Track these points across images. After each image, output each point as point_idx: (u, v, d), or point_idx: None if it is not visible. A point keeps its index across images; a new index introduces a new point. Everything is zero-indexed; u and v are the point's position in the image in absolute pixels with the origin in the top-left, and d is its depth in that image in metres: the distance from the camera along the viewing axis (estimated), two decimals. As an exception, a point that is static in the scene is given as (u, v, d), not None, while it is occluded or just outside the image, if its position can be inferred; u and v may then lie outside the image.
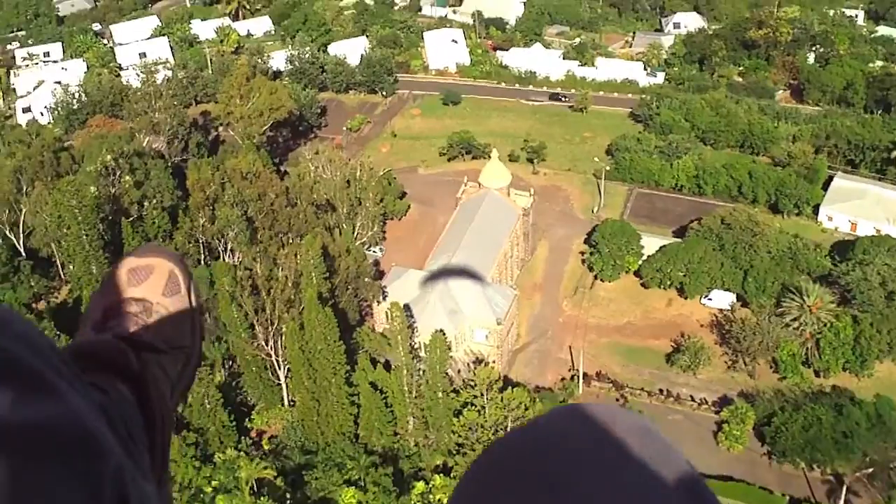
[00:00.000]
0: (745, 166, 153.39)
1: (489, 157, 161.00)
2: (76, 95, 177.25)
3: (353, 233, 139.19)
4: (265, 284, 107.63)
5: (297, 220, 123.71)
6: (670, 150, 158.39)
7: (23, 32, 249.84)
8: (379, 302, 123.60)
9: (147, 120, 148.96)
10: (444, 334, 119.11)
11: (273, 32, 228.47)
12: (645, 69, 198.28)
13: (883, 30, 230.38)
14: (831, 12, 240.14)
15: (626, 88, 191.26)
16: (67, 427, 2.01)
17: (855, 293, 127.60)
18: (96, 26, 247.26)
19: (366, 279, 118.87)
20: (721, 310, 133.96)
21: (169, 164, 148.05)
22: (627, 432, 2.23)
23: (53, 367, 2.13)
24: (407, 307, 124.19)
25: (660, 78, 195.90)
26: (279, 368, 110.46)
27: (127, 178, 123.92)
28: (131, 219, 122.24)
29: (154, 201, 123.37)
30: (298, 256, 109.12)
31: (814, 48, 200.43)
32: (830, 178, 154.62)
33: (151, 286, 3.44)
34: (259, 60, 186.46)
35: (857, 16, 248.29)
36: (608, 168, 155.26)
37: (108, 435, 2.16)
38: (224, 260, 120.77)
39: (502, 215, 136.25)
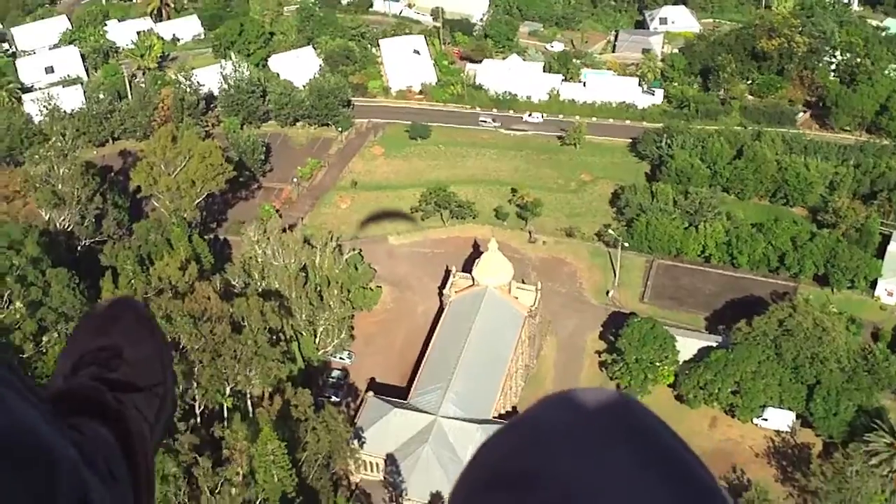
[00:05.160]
0: (786, 231, 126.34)
1: (472, 217, 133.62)
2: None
3: (315, 341, 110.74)
4: (208, 480, 78.46)
5: (246, 349, 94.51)
6: (693, 208, 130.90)
7: None
8: (357, 459, 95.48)
9: (49, 193, 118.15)
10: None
11: (203, 37, 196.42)
12: (640, 84, 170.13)
13: (893, 24, 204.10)
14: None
15: (622, 114, 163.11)
16: (8, 433, 2.12)
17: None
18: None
19: (342, 449, 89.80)
20: (778, 432, 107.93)
21: (79, 250, 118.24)
22: (612, 417, 2.27)
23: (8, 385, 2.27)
24: (391, 458, 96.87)
25: (658, 97, 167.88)
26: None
27: (18, 304, 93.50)
28: (27, 356, 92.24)
29: (56, 334, 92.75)
30: (255, 447, 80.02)
31: (833, 58, 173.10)
32: (884, 239, 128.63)
33: (118, 334, 3.54)
34: (187, 88, 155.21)
35: (850, 1, 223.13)
36: (626, 244, 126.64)
37: (60, 444, 2.29)
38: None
39: (505, 321, 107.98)
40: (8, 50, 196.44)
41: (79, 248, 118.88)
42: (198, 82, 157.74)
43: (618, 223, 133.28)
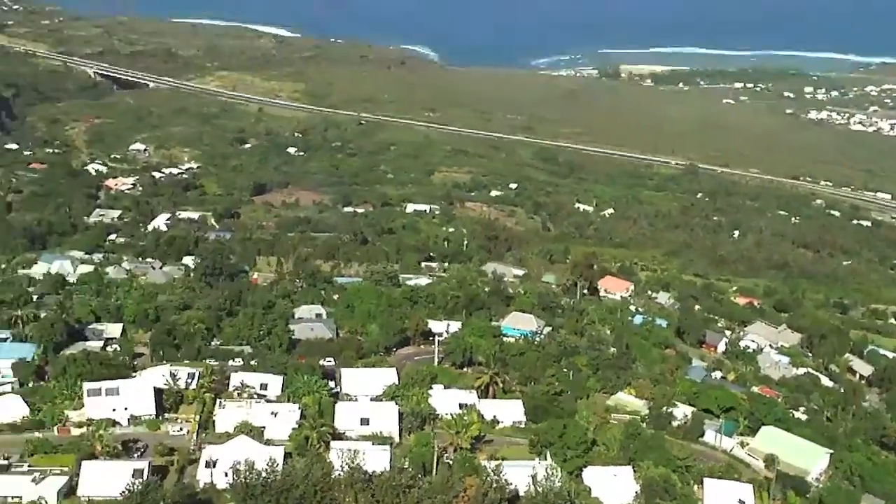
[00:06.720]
0: None
1: None
2: (263, 477, 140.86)
3: None
4: None
5: None
6: None
7: (249, 349, 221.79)
8: None
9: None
10: None
11: (523, 425, 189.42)
12: None
13: None
14: None
15: None
16: None
17: None
18: (329, 360, 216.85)
19: None
20: None
21: None
22: None
23: None
24: None
25: None
26: None
27: None
28: None
29: None
30: None
31: None
32: None
33: None
34: (493, 482, 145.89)
35: None
36: None
37: None
38: None
39: None
40: (332, 389, 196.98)
41: None
42: (506, 479, 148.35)
43: None
